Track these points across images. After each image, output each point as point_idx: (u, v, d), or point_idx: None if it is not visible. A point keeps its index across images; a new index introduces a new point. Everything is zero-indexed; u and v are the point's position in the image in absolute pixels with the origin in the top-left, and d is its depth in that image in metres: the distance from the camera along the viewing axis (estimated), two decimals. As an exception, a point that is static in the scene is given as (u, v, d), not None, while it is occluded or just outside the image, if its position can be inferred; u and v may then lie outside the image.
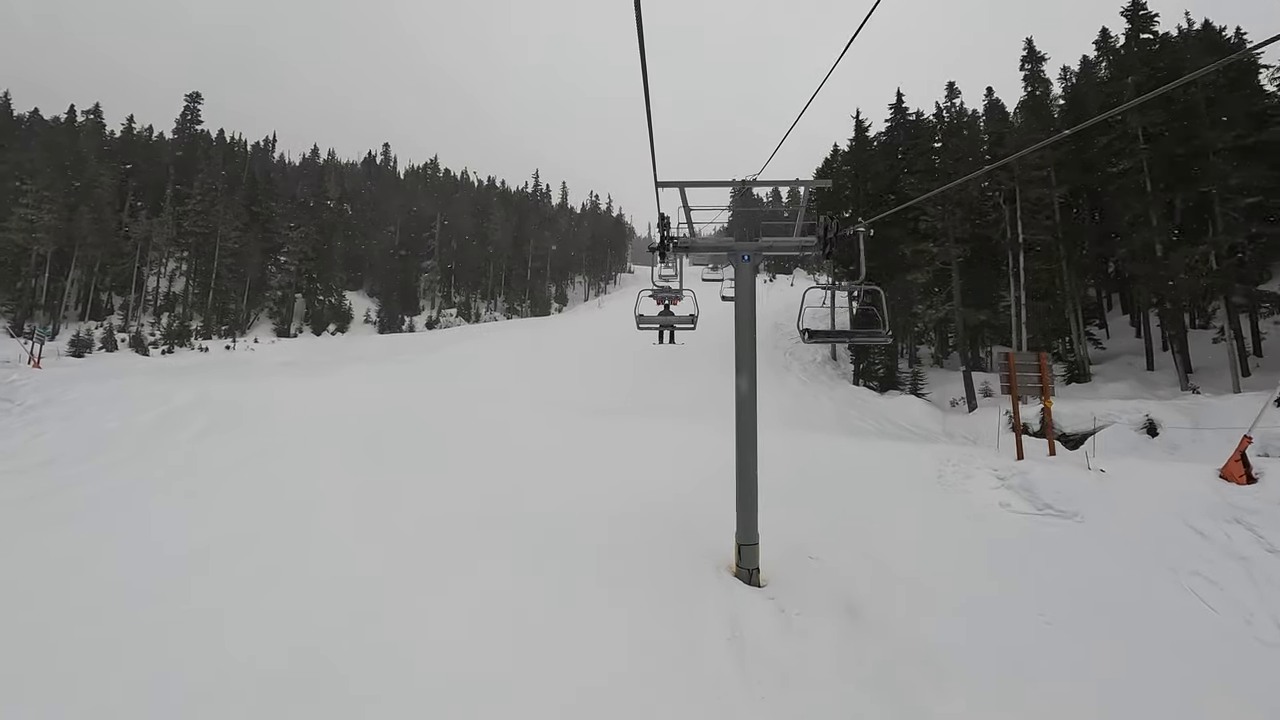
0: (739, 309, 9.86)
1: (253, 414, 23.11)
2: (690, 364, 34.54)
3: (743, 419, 9.74)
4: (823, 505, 13.05)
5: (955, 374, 31.87)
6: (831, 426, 24.83)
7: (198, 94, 65.26)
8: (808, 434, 22.05)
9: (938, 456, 15.62)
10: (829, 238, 9.53)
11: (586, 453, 16.24)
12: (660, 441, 18.11)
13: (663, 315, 11.82)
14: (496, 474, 14.20)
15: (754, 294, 9.99)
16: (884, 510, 12.91)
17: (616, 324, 51.08)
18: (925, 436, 23.35)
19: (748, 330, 9.77)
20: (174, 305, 52.57)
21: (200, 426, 22.27)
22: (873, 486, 14.14)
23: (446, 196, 77.48)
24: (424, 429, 19.30)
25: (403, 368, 37.13)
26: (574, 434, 18.27)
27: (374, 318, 61.90)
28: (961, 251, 25.58)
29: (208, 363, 44.24)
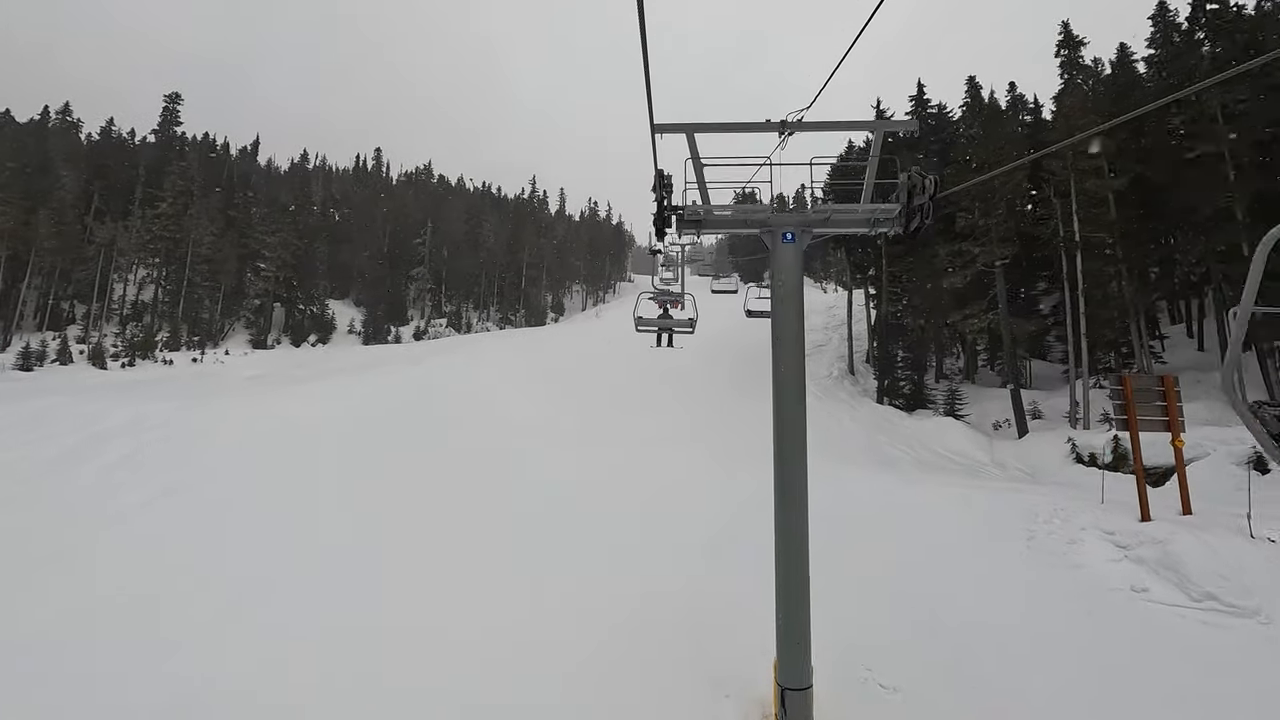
0: (781, 314, 6.46)
1: (186, 440, 19.79)
2: (692, 380, 31.09)
3: (788, 492, 6.31)
4: (879, 579, 9.52)
5: (990, 391, 28.39)
6: (861, 455, 21.32)
7: (177, 94, 62.31)
8: (835, 466, 18.56)
9: (1018, 506, 12.08)
10: (920, 204, 6.15)
11: (570, 508, 12.71)
12: (661, 481, 14.63)
13: (661, 318, 12.14)
14: (450, 550, 10.80)
15: (800, 291, 6.59)
16: (967, 590, 9.34)
17: (614, 335, 47.73)
18: (972, 468, 19.85)
19: (793, 345, 6.37)
20: (142, 315, 49.24)
21: (116, 456, 19.01)
22: (942, 549, 10.61)
23: (438, 202, 74.42)
24: (378, 468, 15.88)
25: (378, 383, 33.73)
26: (556, 479, 14.74)
27: (358, 328, 58.54)
28: (1006, 252, 22.19)
29: (168, 377, 40.83)
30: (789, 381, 6.32)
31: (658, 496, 13.68)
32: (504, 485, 14.22)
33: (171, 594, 9.24)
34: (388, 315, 61.96)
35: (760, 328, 14.19)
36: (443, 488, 14.03)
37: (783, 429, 6.38)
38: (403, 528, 11.77)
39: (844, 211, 6.63)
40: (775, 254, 6.51)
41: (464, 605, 8.95)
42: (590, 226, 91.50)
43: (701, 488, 14.69)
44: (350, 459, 16.60)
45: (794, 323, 6.37)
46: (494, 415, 23.93)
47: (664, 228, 6.59)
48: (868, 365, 36.08)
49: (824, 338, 42.36)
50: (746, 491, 14.61)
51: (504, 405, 26.38)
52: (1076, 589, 9.23)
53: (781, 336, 6.36)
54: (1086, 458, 18.96)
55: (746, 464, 17.93)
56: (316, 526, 11.98)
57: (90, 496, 15.35)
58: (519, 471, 15.36)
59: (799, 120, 6.72)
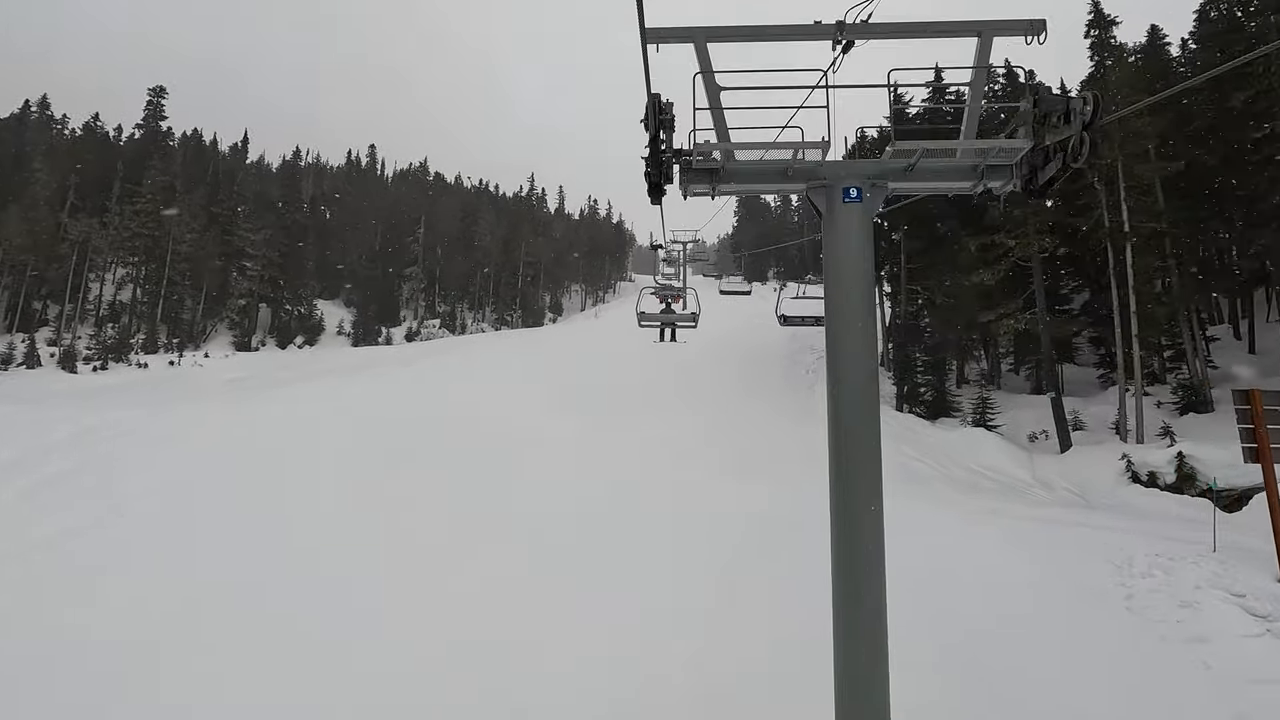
0: (843, 309, 4.23)
1: (137, 453, 17.66)
2: (697, 385, 28.88)
3: (858, 559, 4.22)
4: (942, 656, 7.32)
5: (1020, 398, 26.09)
6: (885, 471, 19.05)
7: (161, 88, 60.23)
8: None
9: (1098, 549, 9.82)
10: (1066, 140, 3.94)
11: (564, 558, 10.41)
12: (665, 504, 12.38)
13: (664, 313, 11.94)
14: (409, 610, 8.62)
15: (872, 278, 4.37)
16: (1057, 672, 7.09)
17: (614, 336, 45.47)
18: (1013, 488, 17.59)
19: (861, 359, 4.17)
20: (119, 316, 47.13)
21: (54, 472, 16.93)
22: (1017, 614, 8.35)
23: (433, 199, 72.30)
24: (349, 490, 13.67)
25: (362, 388, 31.60)
26: (549, 511, 12.47)
27: (348, 329, 56.39)
28: (1046, 245, 19.92)
29: (141, 381, 38.71)
30: (858, 411, 4.13)
31: (662, 522, 11.47)
32: (489, 522, 12.00)
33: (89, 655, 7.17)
34: (379, 316, 59.83)
35: (762, 326, 12.14)
36: (417, 526, 11.83)
37: (849, 476, 4.19)
38: (368, 573, 9.59)
39: (938, 155, 4.39)
40: (832, 221, 4.29)
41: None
42: (589, 225, 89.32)
43: (708, 504, 12.49)
44: (322, 480, 14.41)
45: (862, 323, 4.17)
46: (481, 428, 21.70)
47: (661, 182, 4.37)
48: (882, 369, 33.84)
49: (834, 339, 40.12)
50: (757, 504, 12.46)
51: (495, 413, 24.17)
52: (1207, 678, 6.99)
53: (844, 344, 4.17)
54: (1145, 477, 16.70)
55: (757, 474, 15.72)
56: (279, 563, 9.84)
57: (9, 519, 13.31)
58: (506, 500, 13.13)
59: (864, 22, 4.51)
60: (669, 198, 4.74)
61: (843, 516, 4.29)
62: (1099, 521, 12.32)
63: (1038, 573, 8.95)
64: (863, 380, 4.24)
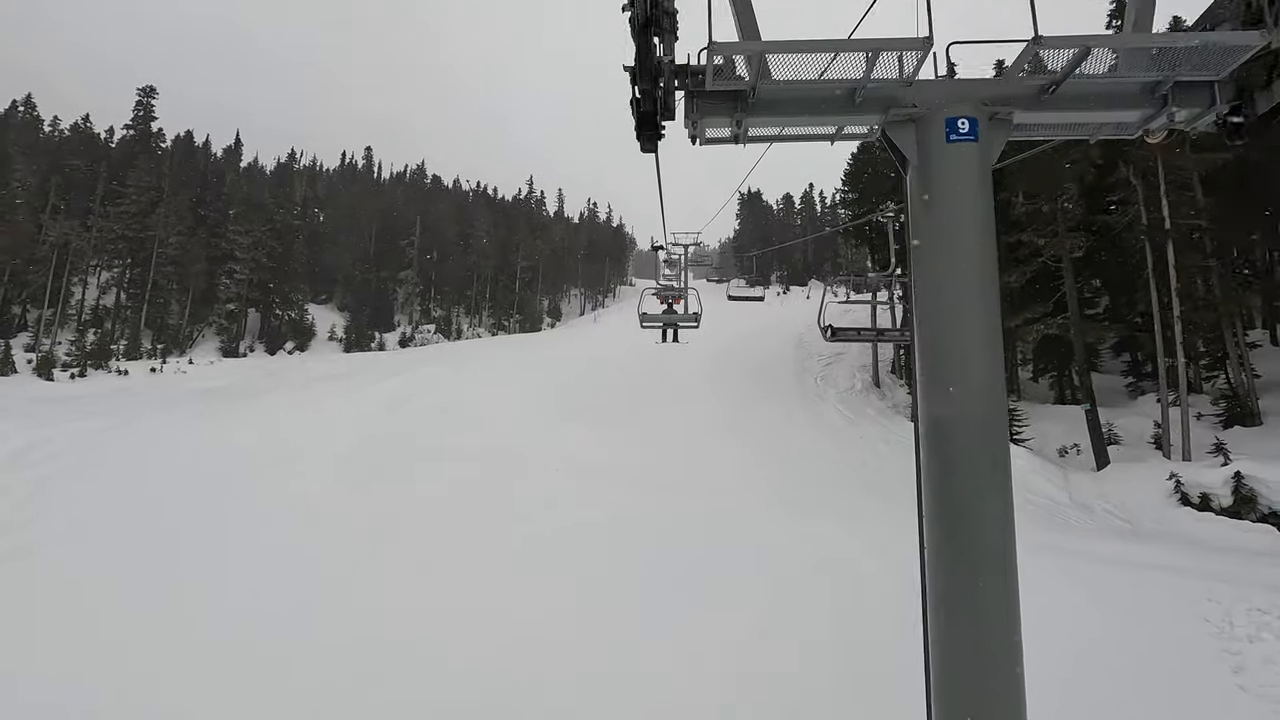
0: (943, 302, 2.58)
1: (78, 475, 16.04)
2: (700, 401, 27.27)
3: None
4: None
5: (1044, 409, 24.44)
6: (905, 491, 17.45)
7: (151, 88, 58.75)
8: (884, 507, 14.76)
9: (1181, 599, 8.19)
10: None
11: (547, 661, 8.73)
12: (677, 557, 10.72)
13: (666, 314, 11.79)
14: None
15: (992, 246, 2.77)
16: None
17: (613, 342, 43.91)
18: (1050, 511, 15.96)
19: (981, 341, 2.48)
20: (102, 321, 45.62)
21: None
22: (1109, 686, 6.71)
23: (429, 202, 70.92)
24: (289, 523, 12.08)
25: (343, 399, 30.08)
26: (541, 565, 10.82)
27: (340, 335, 54.83)
28: (1079, 244, 18.34)
29: (119, 389, 37.04)
30: (978, 433, 2.59)
31: (671, 571, 9.88)
32: (468, 580, 10.39)
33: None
34: (372, 321, 58.31)
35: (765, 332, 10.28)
36: (393, 569, 10.23)
37: (966, 524, 2.63)
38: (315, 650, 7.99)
39: (1085, 78, 2.80)
40: (927, 172, 2.73)
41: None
42: (589, 228, 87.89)
43: (756, 536, 10.88)
44: (289, 509, 12.80)
45: (984, 318, 2.62)
46: (467, 445, 20.13)
47: (657, 114, 2.80)
48: (894, 376, 32.27)
49: (841, 344, 38.53)
50: (799, 555, 10.79)
51: (485, 429, 22.60)
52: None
53: (952, 352, 2.63)
54: (1196, 499, 15.08)
55: (810, 508, 13.91)
56: (220, 620, 8.24)
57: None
58: (482, 551, 11.50)
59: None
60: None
61: (951, 584, 2.71)
62: (1164, 558, 10.69)
63: (1124, 633, 7.33)
64: (985, 396, 2.67)
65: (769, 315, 47.82)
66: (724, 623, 8.60)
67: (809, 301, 61.56)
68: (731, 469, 17.93)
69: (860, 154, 32.82)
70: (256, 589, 9.44)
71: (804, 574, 9.62)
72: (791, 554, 10.22)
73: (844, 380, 30.87)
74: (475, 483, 15.25)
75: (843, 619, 8.62)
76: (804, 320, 44.20)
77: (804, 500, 14.62)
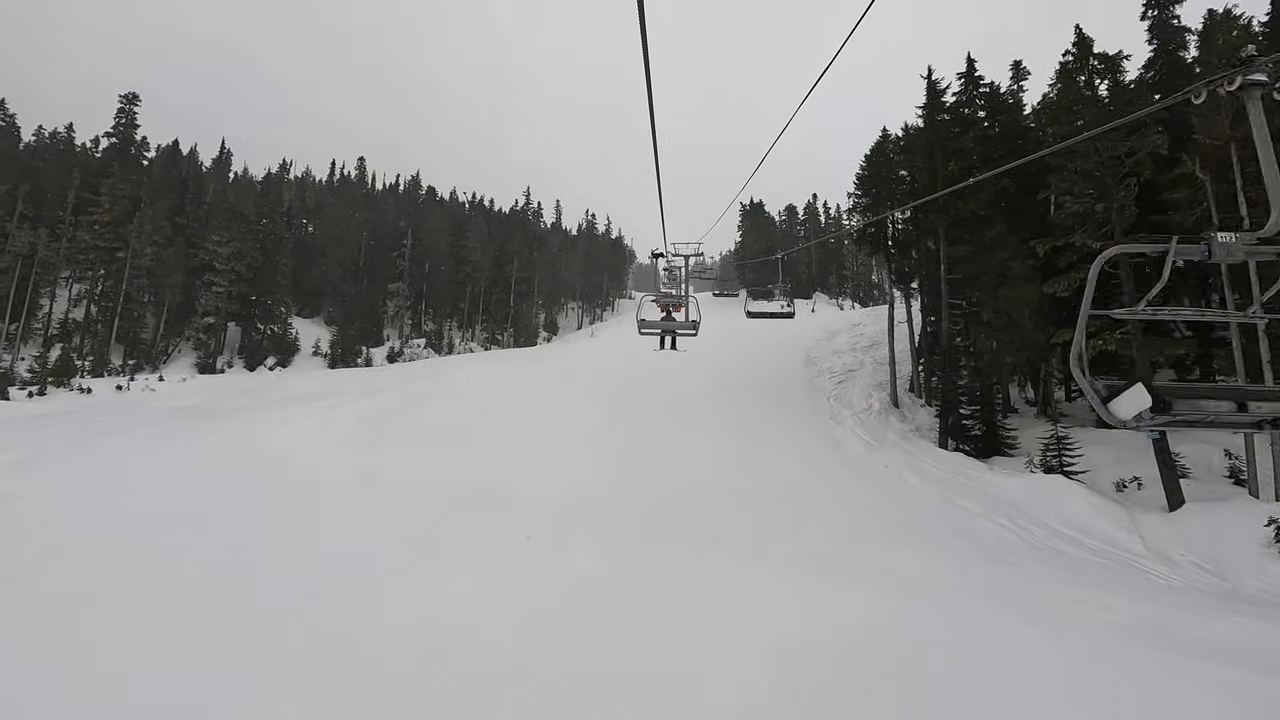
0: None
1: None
2: (707, 422, 24.73)
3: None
4: None
5: (1088, 434, 21.85)
6: (945, 533, 14.88)
7: (134, 95, 56.79)
8: (930, 562, 12.23)
9: None
10: None
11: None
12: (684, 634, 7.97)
13: (665, 320, 12.47)
14: None
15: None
16: None
17: (611, 357, 41.43)
18: (1122, 564, 13.36)
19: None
20: (71, 335, 43.21)
21: None
22: None
23: (422, 211, 68.84)
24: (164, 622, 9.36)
25: (313, 420, 27.61)
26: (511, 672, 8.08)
27: (324, 349, 52.36)
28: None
29: (81, 409, 34.45)
30: None
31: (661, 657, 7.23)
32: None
33: None
34: (360, 335, 55.87)
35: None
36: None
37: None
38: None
39: None
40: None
41: None
42: (588, 240, 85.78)
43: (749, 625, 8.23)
44: (220, 573, 10.21)
45: None
46: (436, 479, 17.65)
47: None
48: (912, 395, 29.74)
49: (853, 360, 36.03)
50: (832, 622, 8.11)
51: (458, 460, 20.14)
52: None
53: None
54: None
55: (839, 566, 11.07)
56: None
57: None
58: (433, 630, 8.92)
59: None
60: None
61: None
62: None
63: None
64: None
65: (774, 331, 45.26)
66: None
67: (814, 315, 59.11)
68: (738, 511, 15.36)
69: (874, 156, 30.54)
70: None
71: (847, 685, 6.95)
72: (823, 650, 7.60)
73: (859, 400, 28.32)
74: (425, 537, 12.70)
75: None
76: (812, 335, 41.75)
77: (833, 557, 12.03)
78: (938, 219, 22.94)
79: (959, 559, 13.04)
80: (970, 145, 23.50)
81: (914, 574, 11.26)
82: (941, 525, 15.73)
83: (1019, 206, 24.88)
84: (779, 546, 12.55)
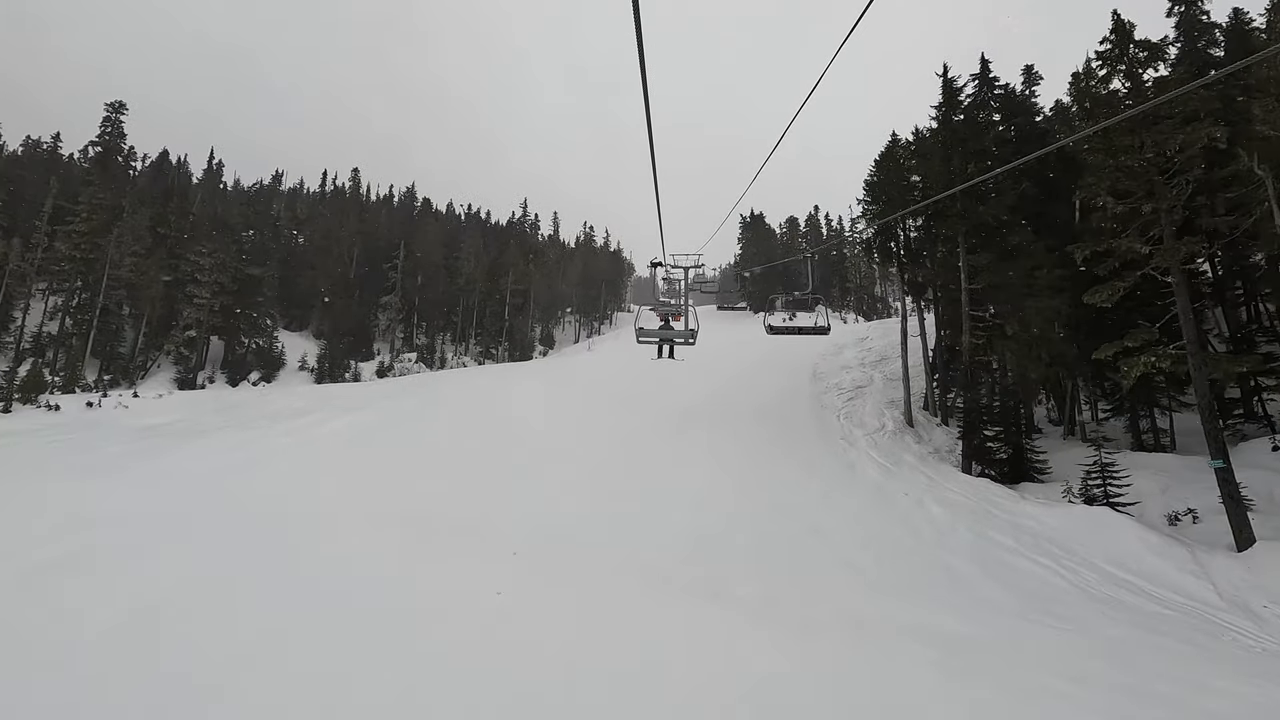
0: None
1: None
2: (706, 446, 22.91)
3: None
4: None
5: (1125, 457, 20.05)
6: (979, 575, 13.00)
7: (121, 104, 55.67)
8: (977, 609, 10.41)
9: None
10: None
11: None
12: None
13: (663, 329, 12.42)
14: None
15: None
16: None
17: (607, 373, 39.68)
18: (1195, 617, 11.47)
19: None
20: (45, 350, 41.40)
21: None
22: None
23: (416, 223, 67.39)
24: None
25: (289, 440, 25.94)
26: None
27: (311, 364, 50.56)
28: (1195, 250, 14.22)
29: (46, 427, 32.53)
30: None
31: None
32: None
33: None
34: (350, 349, 54.11)
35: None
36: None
37: None
38: None
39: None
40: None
41: None
42: (585, 253, 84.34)
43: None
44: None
45: None
46: (401, 511, 15.84)
47: None
48: (927, 413, 27.92)
49: (862, 376, 34.23)
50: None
51: (423, 490, 18.34)
52: None
53: None
54: None
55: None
56: None
57: None
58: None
59: None
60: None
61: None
62: None
63: None
64: None
65: (778, 345, 43.56)
66: None
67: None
68: (747, 551, 13.50)
69: (884, 161, 28.99)
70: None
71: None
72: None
73: (872, 419, 26.48)
74: (378, 609, 10.84)
75: None
76: (818, 349, 39.97)
77: (859, 612, 10.17)
78: (957, 224, 21.28)
79: (1002, 612, 11.16)
80: (991, 146, 21.93)
81: (952, 636, 9.41)
82: (974, 564, 13.86)
83: (1041, 212, 23.28)
84: (796, 599, 10.69)
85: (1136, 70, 15.96)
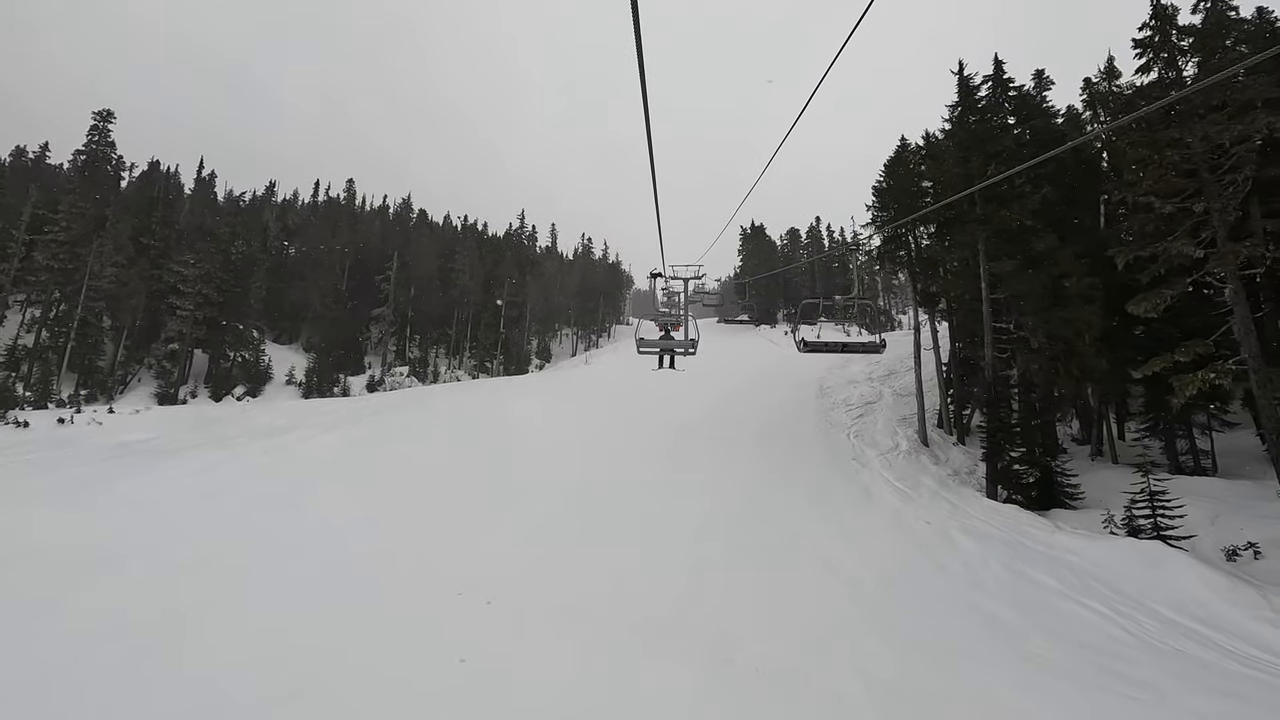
0: None
1: None
2: (707, 472, 21.30)
3: None
4: None
5: (1167, 485, 18.41)
6: (1020, 624, 11.33)
7: (109, 112, 54.51)
8: (1026, 670, 8.80)
9: None
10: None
11: None
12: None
13: (663, 339, 12.43)
14: None
15: None
16: None
17: (605, 388, 38.12)
18: (1273, 672, 9.80)
19: None
20: (19, 364, 39.79)
21: None
22: None
23: (410, 234, 66.12)
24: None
25: (265, 459, 24.35)
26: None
27: (299, 378, 48.95)
28: (1264, 256, 12.71)
29: (14, 444, 31.08)
30: None
31: None
32: None
33: None
34: (340, 362, 52.52)
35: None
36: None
37: None
38: None
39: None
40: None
41: None
42: (584, 264, 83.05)
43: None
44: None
45: None
46: (366, 552, 14.21)
47: None
48: (941, 431, 26.30)
49: (871, 391, 32.66)
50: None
51: (414, 527, 16.72)
52: None
53: None
54: None
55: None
56: None
57: None
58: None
59: None
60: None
61: None
62: None
63: None
64: None
65: (781, 359, 42.10)
66: None
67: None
68: (759, 601, 11.85)
69: (893, 166, 27.63)
70: None
71: None
72: None
73: (884, 438, 24.86)
74: (320, 679, 9.21)
75: None
76: (824, 364, 38.42)
77: (894, 682, 8.53)
78: (977, 230, 19.82)
79: (1059, 673, 9.48)
80: (1012, 146, 20.55)
81: (1013, 714, 7.76)
82: (1014, 609, 12.18)
83: (1062, 218, 21.88)
84: (821, 664, 9.04)
85: (1176, 60, 14.56)
